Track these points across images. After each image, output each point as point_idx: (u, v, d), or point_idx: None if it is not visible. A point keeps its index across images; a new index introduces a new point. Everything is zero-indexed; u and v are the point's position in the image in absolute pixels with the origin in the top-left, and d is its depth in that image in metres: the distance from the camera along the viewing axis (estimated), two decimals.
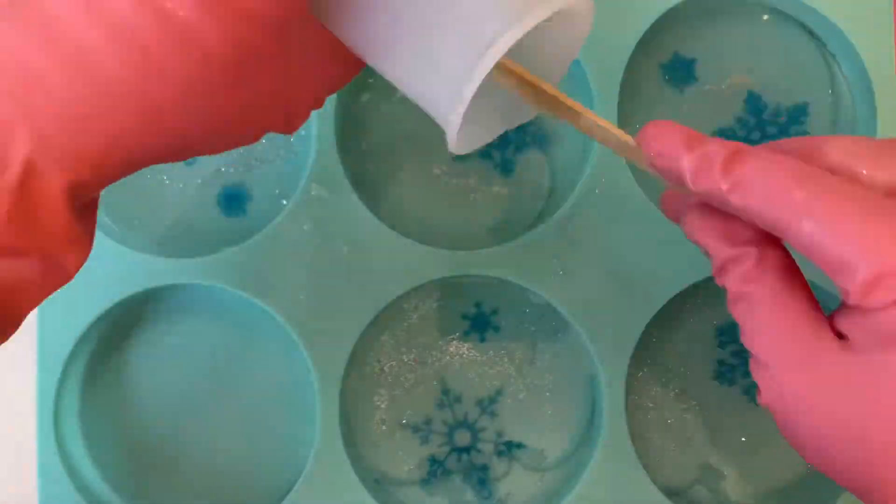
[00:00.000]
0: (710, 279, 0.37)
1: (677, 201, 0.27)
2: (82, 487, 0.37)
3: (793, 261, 0.24)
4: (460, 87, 0.21)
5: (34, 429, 0.37)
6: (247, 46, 0.20)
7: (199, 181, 0.39)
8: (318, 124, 0.37)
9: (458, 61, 0.21)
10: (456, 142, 0.23)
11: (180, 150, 0.22)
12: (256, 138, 0.24)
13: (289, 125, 0.25)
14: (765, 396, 0.24)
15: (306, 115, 0.25)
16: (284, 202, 0.38)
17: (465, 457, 0.39)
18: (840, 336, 0.22)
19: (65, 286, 0.22)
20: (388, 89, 0.39)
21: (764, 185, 0.22)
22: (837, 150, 0.23)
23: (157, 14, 0.19)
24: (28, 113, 0.19)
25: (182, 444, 0.39)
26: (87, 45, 0.19)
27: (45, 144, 0.20)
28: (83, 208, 0.22)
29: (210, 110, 0.21)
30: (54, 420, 0.37)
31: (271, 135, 0.39)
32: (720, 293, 0.39)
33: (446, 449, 0.39)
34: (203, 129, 0.21)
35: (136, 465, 0.39)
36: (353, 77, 0.26)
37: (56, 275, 0.22)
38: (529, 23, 0.21)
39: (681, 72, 0.39)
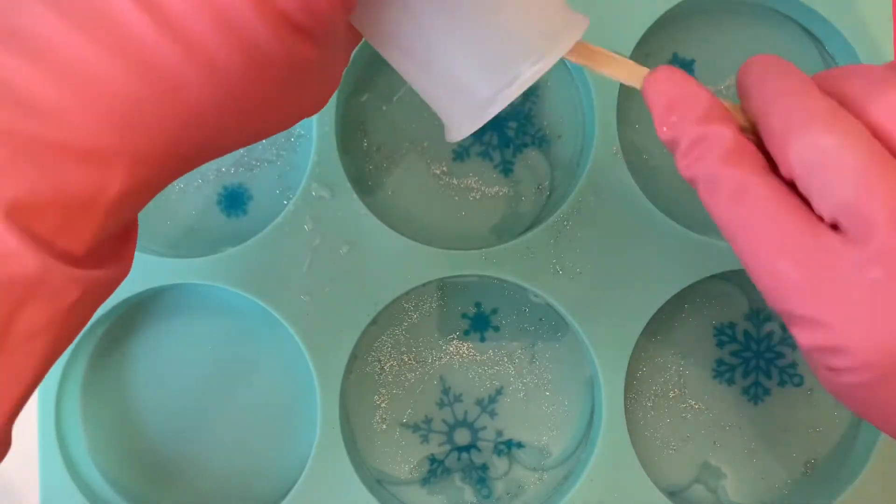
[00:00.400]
0: (709, 279, 0.37)
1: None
2: (84, 487, 0.37)
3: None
4: (483, 110, 0.23)
5: (36, 429, 0.37)
6: (298, 58, 0.21)
7: (200, 181, 0.39)
8: (318, 124, 0.37)
9: (484, 90, 0.23)
10: (457, 138, 0.25)
11: (226, 151, 0.23)
12: (289, 128, 0.26)
13: (318, 110, 0.26)
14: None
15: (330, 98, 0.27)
16: (285, 202, 0.38)
17: (464, 456, 0.39)
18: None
19: None
20: (388, 90, 0.39)
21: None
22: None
23: (243, 44, 0.20)
24: (127, 139, 0.20)
25: (182, 444, 0.39)
26: (181, 76, 0.20)
27: (137, 169, 0.21)
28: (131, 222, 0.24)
29: (267, 117, 0.23)
30: (55, 420, 0.37)
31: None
32: (720, 293, 0.40)
33: (446, 448, 0.39)
34: (257, 130, 0.23)
35: (137, 465, 0.39)
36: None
37: (111, 289, 0.23)
38: (553, 58, 0.23)
39: None
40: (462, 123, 0.24)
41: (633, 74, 0.25)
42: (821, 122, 0.21)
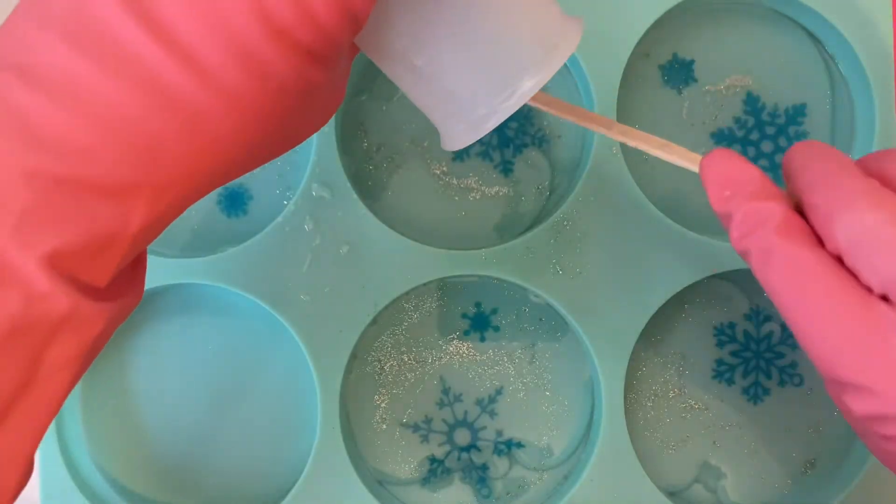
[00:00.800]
0: (709, 279, 0.37)
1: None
2: (84, 487, 0.37)
3: None
4: (482, 124, 0.24)
5: None
6: (311, 83, 0.22)
7: None
8: None
9: (483, 103, 0.24)
10: (453, 148, 0.25)
11: (244, 173, 0.24)
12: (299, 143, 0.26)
13: (323, 125, 0.26)
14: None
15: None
16: (285, 202, 0.38)
17: (465, 456, 0.39)
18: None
19: None
20: (388, 90, 0.39)
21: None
22: None
23: (260, 74, 0.20)
24: (150, 174, 0.21)
25: (182, 443, 0.39)
26: (201, 108, 0.20)
27: (159, 201, 0.21)
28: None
29: (279, 141, 0.23)
30: (56, 420, 0.37)
31: None
32: (720, 293, 0.40)
33: (446, 448, 0.39)
34: (272, 152, 0.24)
35: (138, 465, 0.39)
36: None
37: (127, 315, 0.24)
38: (549, 73, 0.23)
39: (680, 73, 0.39)
40: (460, 135, 0.25)
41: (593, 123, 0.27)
42: (865, 200, 0.22)
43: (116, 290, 0.22)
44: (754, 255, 0.24)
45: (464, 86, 0.24)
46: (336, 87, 0.24)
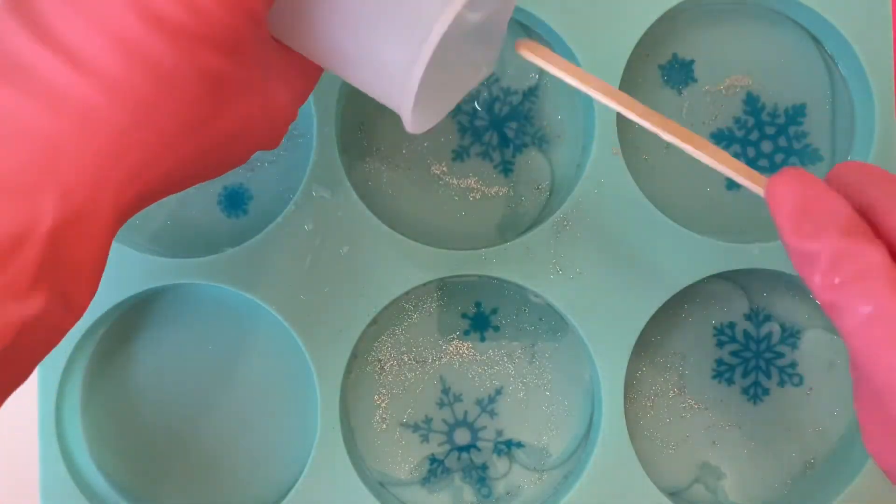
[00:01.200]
0: (709, 279, 0.37)
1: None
2: (84, 486, 0.37)
3: None
4: (407, 77, 0.23)
5: (36, 430, 0.37)
6: (210, 72, 0.21)
7: None
8: (318, 124, 0.37)
9: (401, 55, 0.23)
10: (412, 124, 0.25)
11: (179, 183, 0.23)
12: (245, 159, 0.25)
13: (272, 141, 0.26)
14: None
15: (286, 129, 0.26)
16: (285, 202, 0.38)
17: (464, 456, 0.39)
18: None
19: None
20: None
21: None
22: None
23: (145, 63, 0.20)
24: (52, 173, 0.20)
25: (182, 444, 0.39)
26: (90, 105, 0.20)
27: (68, 201, 0.21)
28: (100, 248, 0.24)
29: (200, 141, 0.22)
30: (56, 421, 0.37)
31: None
32: (720, 293, 0.40)
33: (446, 448, 0.39)
34: (195, 159, 0.23)
35: (138, 465, 0.39)
36: (315, 83, 0.28)
37: (73, 314, 0.23)
38: (454, 8, 0.22)
39: (679, 73, 0.39)
40: (401, 102, 0.24)
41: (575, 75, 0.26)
42: None
43: (46, 298, 0.22)
44: (849, 312, 0.19)
45: (385, 48, 0.23)
46: (270, 94, 0.24)
